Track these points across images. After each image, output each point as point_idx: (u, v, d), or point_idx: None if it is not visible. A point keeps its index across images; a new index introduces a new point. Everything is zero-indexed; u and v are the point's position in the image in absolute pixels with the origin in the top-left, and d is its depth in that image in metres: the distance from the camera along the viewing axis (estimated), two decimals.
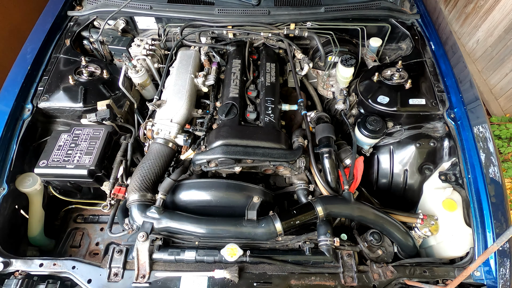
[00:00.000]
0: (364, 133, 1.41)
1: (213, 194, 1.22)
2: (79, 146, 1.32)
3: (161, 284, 1.09)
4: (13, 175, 1.33)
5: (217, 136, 1.28)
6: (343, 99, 1.57)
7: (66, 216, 1.55)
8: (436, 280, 1.14)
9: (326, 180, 1.31)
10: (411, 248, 1.22)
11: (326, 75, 1.65)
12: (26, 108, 1.47)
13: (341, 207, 1.21)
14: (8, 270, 1.13)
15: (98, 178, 1.31)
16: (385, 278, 1.11)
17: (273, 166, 1.31)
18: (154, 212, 1.14)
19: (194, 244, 1.19)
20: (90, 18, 1.80)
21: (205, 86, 1.52)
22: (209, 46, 1.65)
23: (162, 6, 1.72)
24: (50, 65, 1.62)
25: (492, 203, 1.22)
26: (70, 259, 1.15)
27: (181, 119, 1.38)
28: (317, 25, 1.73)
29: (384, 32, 1.81)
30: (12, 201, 1.32)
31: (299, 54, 1.67)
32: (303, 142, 1.35)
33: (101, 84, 1.54)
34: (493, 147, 1.34)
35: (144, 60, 1.61)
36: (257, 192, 1.24)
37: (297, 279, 1.11)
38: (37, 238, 1.40)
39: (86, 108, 1.47)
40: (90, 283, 1.09)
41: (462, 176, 1.33)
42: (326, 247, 1.16)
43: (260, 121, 1.37)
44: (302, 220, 1.17)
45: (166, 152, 1.30)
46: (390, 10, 1.79)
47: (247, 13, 1.72)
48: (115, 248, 1.16)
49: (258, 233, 1.14)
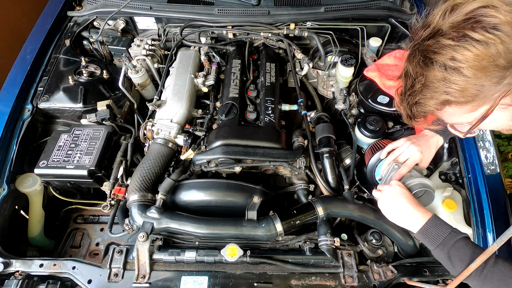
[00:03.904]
0: (364, 133, 1.41)
1: (213, 194, 1.22)
2: (79, 146, 1.32)
3: (161, 284, 1.09)
4: (13, 176, 1.33)
5: (217, 136, 1.28)
6: (343, 99, 1.57)
7: (66, 216, 1.55)
8: (436, 280, 1.14)
9: (326, 180, 1.31)
10: (411, 248, 1.22)
11: (326, 75, 1.65)
12: (26, 108, 1.47)
13: (341, 207, 1.21)
14: (8, 270, 1.13)
15: (98, 178, 1.31)
16: (386, 278, 1.11)
17: (273, 166, 1.31)
18: (154, 212, 1.14)
19: (194, 244, 1.19)
20: (90, 19, 1.80)
21: (205, 86, 1.52)
22: (209, 46, 1.65)
23: (162, 6, 1.72)
24: (50, 65, 1.62)
25: (492, 203, 1.22)
26: (70, 259, 1.15)
27: (181, 119, 1.38)
28: (317, 25, 1.73)
29: (384, 32, 1.81)
30: (12, 201, 1.32)
31: (299, 54, 1.67)
32: (303, 142, 1.35)
33: (101, 85, 1.53)
34: (493, 146, 1.34)
35: (144, 60, 1.61)
36: (257, 192, 1.24)
37: (297, 279, 1.11)
38: (37, 238, 1.40)
39: (86, 109, 1.47)
40: (90, 284, 1.09)
41: (462, 176, 1.33)
42: (327, 247, 1.16)
43: (260, 121, 1.37)
44: (302, 220, 1.17)
45: (166, 152, 1.30)
46: (390, 10, 1.79)
47: (247, 13, 1.72)
48: (115, 248, 1.16)
49: (258, 233, 1.14)
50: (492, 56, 0.66)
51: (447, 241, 0.89)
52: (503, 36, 0.65)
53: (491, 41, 0.66)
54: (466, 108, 0.76)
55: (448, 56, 0.70)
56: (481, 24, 0.67)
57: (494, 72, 0.68)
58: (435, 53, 0.72)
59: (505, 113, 0.77)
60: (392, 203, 1.04)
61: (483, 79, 0.69)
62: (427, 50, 0.74)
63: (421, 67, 0.76)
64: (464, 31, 0.68)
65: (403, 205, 1.01)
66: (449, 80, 0.72)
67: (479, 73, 0.68)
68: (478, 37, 0.66)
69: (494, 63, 0.67)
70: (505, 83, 0.69)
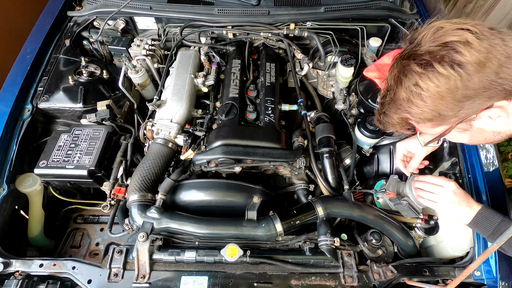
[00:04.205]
0: (364, 133, 1.41)
1: (213, 194, 1.22)
2: (79, 146, 1.32)
3: (161, 284, 1.09)
4: (13, 176, 1.33)
5: (217, 136, 1.28)
6: (343, 99, 1.57)
7: (66, 216, 1.55)
8: (436, 280, 1.14)
9: (326, 180, 1.31)
10: (411, 248, 1.22)
11: (326, 75, 1.65)
12: (26, 108, 1.47)
13: (341, 207, 1.21)
14: (8, 270, 1.13)
15: (98, 178, 1.31)
16: (386, 278, 1.11)
17: (273, 166, 1.31)
18: (154, 212, 1.14)
19: (194, 244, 1.19)
20: (90, 19, 1.80)
21: (205, 86, 1.52)
22: (209, 46, 1.65)
23: (162, 6, 1.72)
24: (50, 65, 1.62)
25: (492, 203, 1.22)
26: (70, 259, 1.15)
27: (181, 119, 1.38)
28: (317, 25, 1.73)
29: (384, 32, 1.81)
30: (12, 201, 1.32)
31: (299, 54, 1.67)
32: (303, 142, 1.35)
33: (101, 85, 1.53)
34: (493, 147, 1.34)
35: (144, 60, 1.61)
36: (257, 192, 1.24)
37: (297, 279, 1.11)
38: (37, 238, 1.40)
39: (86, 109, 1.47)
40: (90, 284, 1.09)
41: (462, 176, 1.33)
42: (326, 247, 1.16)
43: (260, 121, 1.37)
44: (302, 220, 1.17)
45: (166, 152, 1.30)
46: (390, 10, 1.79)
47: (247, 13, 1.72)
48: (115, 248, 1.16)
49: (258, 233, 1.14)
50: (450, 89, 0.74)
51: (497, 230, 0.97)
52: (464, 74, 0.72)
53: (452, 77, 0.73)
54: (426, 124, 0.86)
55: (413, 82, 0.78)
56: (450, 58, 0.73)
57: (451, 103, 0.76)
58: (405, 75, 0.81)
59: (462, 135, 0.88)
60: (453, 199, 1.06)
61: (441, 107, 0.78)
62: (401, 69, 0.82)
63: (395, 82, 0.85)
64: (432, 62, 0.75)
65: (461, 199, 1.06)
66: (411, 101, 0.81)
67: (437, 102, 0.77)
68: (442, 70, 0.73)
69: (452, 96, 0.75)
70: (461, 112, 0.78)
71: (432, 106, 0.78)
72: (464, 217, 1.05)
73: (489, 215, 1.01)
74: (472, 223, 1.03)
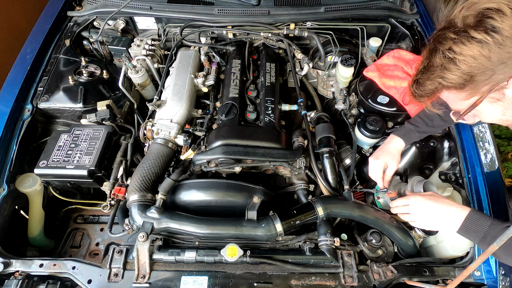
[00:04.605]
0: (364, 133, 1.41)
1: (213, 194, 1.22)
2: (79, 146, 1.32)
3: (161, 284, 1.09)
4: (13, 176, 1.33)
5: (217, 136, 1.28)
6: (343, 99, 1.57)
7: (66, 216, 1.55)
8: (436, 280, 1.14)
9: (326, 180, 1.31)
10: (411, 248, 1.22)
11: (326, 75, 1.65)
12: (26, 108, 1.47)
13: (341, 207, 1.21)
14: (8, 270, 1.13)
15: (98, 178, 1.31)
16: (385, 278, 1.11)
17: (273, 166, 1.31)
18: (154, 212, 1.14)
19: (194, 244, 1.19)
20: (90, 19, 1.80)
21: (205, 86, 1.52)
22: (209, 46, 1.65)
23: (162, 6, 1.72)
24: (50, 65, 1.62)
25: (492, 203, 1.22)
26: (70, 259, 1.15)
27: (181, 119, 1.38)
28: (317, 25, 1.73)
29: (384, 32, 1.81)
30: (12, 201, 1.32)
31: (299, 54, 1.67)
32: (303, 142, 1.35)
33: (101, 85, 1.54)
34: (493, 147, 1.34)
35: (144, 60, 1.61)
36: (257, 192, 1.24)
37: (297, 279, 1.11)
38: (37, 238, 1.40)
39: (86, 109, 1.47)
40: (90, 284, 1.09)
41: (462, 176, 1.33)
42: (326, 247, 1.16)
43: (260, 121, 1.37)
44: (302, 220, 1.17)
45: (166, 152, 1.30)
46: (390, 10, 1.79)
47: (247, 13, 1.72)
48: (115, 248, 1.16)
49: (258, 233, 1.14)
50: (484, 54, 0.75)
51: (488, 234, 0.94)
52: (498, 38, 0.73)
53: (485, 40, 0.74)
54: (459, 95, 0.85)
55: (447, 47, 0.79)
56: (484, 24, 0.74)
57: (484, 66, 0.76)
58: (440, 43, 0.82)
59: (495, 106, 0.85)
60: (426, 210, 1.06)
61: (473, 70, 0.77)
62: (437, 39, 0.84)
63: (429, 52, 0.86)
64: (466, 28, 0.76)
65: (437, 207, 1.04)
66: (444, 67, 0.81)
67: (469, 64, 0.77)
68: (476, 35, 0.74)
69: (484, 58, 0.75)
70: (493, 78, 0.78)
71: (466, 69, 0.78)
72: (451, 224, 1.01)
73: (479, 218, 0.97)
74: (461, 229, 0.99)
